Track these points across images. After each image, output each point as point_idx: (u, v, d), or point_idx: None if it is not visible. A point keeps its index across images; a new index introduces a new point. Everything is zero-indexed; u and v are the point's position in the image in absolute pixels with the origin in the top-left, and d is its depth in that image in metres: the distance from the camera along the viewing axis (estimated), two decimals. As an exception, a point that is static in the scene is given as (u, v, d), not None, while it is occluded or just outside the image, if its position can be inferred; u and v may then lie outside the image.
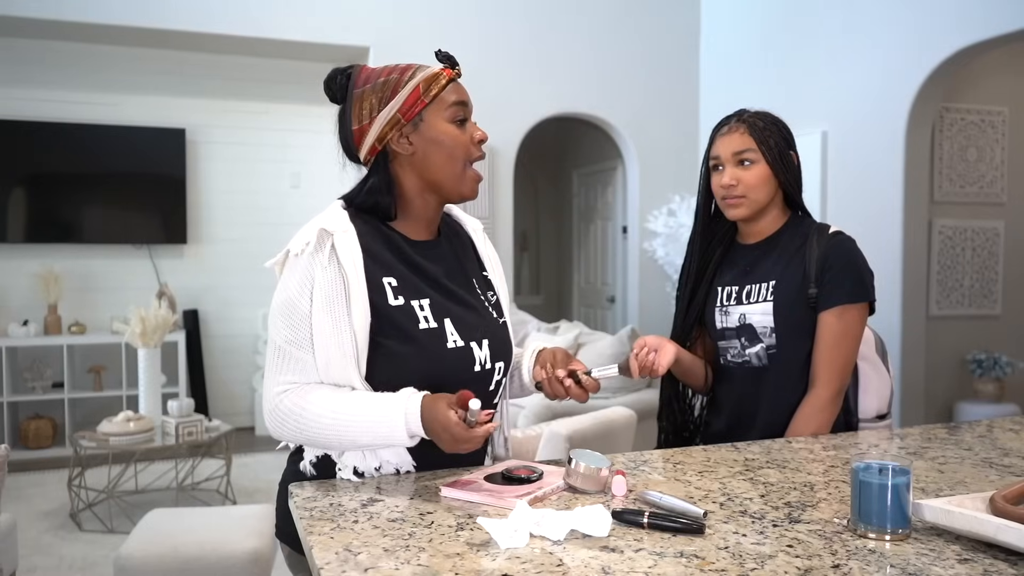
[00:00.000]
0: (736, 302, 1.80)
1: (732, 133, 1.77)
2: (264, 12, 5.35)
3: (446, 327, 1.36)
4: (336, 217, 1.36)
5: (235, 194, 6.07)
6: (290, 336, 1.32)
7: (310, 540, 1.07)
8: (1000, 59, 5.11)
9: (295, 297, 1.32)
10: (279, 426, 1.33)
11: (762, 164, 1.74)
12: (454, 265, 1.46)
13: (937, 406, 4.99)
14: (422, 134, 1.37)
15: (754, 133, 1.75)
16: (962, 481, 1.34)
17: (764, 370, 1.77)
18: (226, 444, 4.35)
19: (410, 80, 1.36)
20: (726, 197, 1.77)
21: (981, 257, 5.13)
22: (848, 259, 1.73)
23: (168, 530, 2.86)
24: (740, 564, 0.98)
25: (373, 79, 1.38)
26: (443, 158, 1.37)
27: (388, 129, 1.36)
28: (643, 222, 6.19)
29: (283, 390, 1.32)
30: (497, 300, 1.51)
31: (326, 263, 1.31)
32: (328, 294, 1.30)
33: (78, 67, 5.67)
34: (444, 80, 1.37)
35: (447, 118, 1.37)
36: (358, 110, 1.37)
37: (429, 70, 1.38)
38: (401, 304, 1.34)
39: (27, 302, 5.57)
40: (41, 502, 4.39)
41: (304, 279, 1.32)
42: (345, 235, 1.33)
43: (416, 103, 1.35)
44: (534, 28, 5.90)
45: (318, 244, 1.32)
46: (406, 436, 1.27)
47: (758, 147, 1.74)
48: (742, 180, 1.74)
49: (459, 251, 1.50)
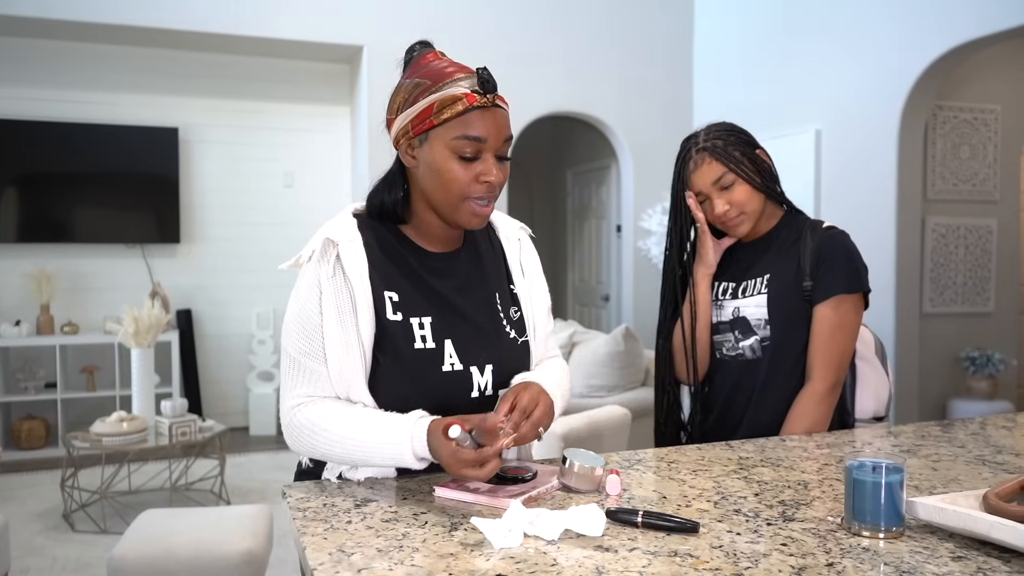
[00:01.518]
0: (731, 296, 1.82)
1: (701, 166, 1.78)
2: (257, 11, 5.34)
3: (445, 348, 1.32)
4: (343, 226, 1.33)
5: (228, 193, 6.05)
6: (304, 347, 1.30)
7: (303, 541, 1.06)
8: (993, 57, 5.12)
9: (307, 308, 1.30)
10: (295, 440, 1.31)
11: (740, 181, 1.76)
12: (472, 280, 1.38)
13: (930, 403, 5.01)
14: (424, 154, 1.29)
15: (719, 157, 1.76)
16: (956, 479, 1.34)
17: (757, 362, 1.78)
18: (220, 444, 4.33)
19: (433, 92, 1.25)
20: (726, 223, 1.80)
21: (974, 255, 5.15)
22: (842, 251, 1.74)
23: (162, 531, 2.85)
24: (734, 563, 0.98)
25: (416, 74, 1.30)
26: (437, 186, 1.29)
27: (401, 135, 1.31)
28: (637, 220, 6.20)
29: (298, 403, 1.30)
30: (520, 317, 1.42)
31: (331, 273, 1.29)
32: (337, 305, 1.28)
33: (70, 66, 5.65)
34: (461, 107, 1.24)
35: (450, 149, 1.26)
36: (393, 99, 1.32)
37: (452, 90, 1.25)
38: (399, 320, 1.31)
39: (19, 302, 5.55)
40: (34, 503, 4.37)
41: (312, 289, 1.30)
42: (351, 245, 1.31)
43: (426, 120, 1.26)
44: (528, 27, 5.90)
45: (322, 254, 1.30)
46: (414, 460, 1.23)
47: (729, 169, 1.75)
48: (733, 202, 1.76)
49: (486, 263, 1.42)
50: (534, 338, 1.44)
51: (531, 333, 1.43)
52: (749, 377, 1.79)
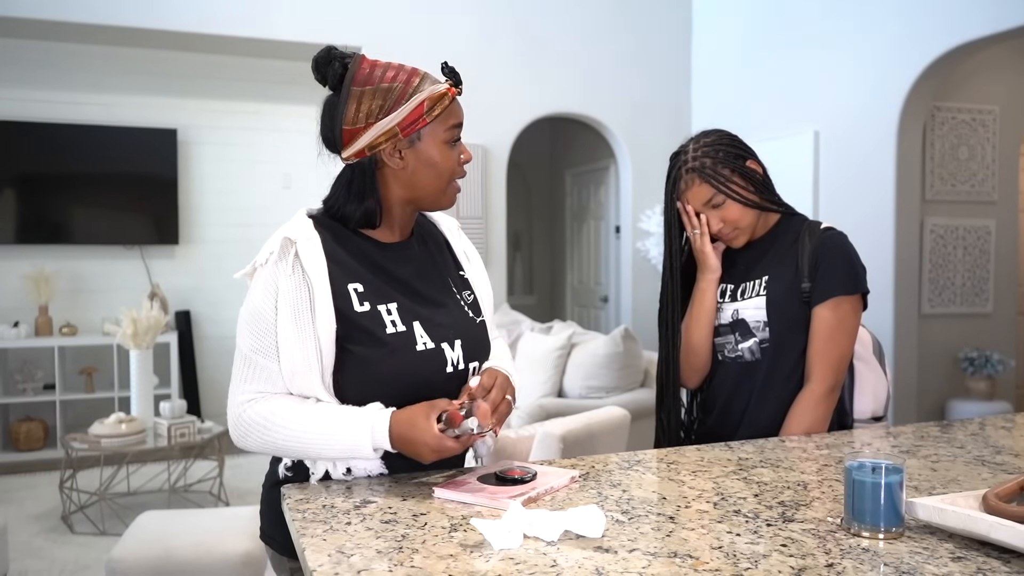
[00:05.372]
0: (731, 299, 1.82)
1: (691, 187, 1.78)
2: (256, 12, 5.34)
3: (415, 330, 1.35)
4: (300, 225, 1.35)
5: (227, 194, 6.04)
6: (255, 344, 1.32)
7: (303, 542, 1.06)
8: (991, 58, 5.13)
9: (260, 306, 1.31)
10: (243, 436, 1.33)
11: (729, 201, 1.76)
12: (426, 266, 1.44)
13: (929, 404, 5.01)
14: (417, 152, 1.35)
15: (707, 179, 1.75)
16: (955, 479, 1.34)
17: (756, 364, 1.78)
18: (219, 445, 4.33)
19: (415, 94, 1.32)
20: (724, 239, 1.81)
21: (973, 255, 5.15)
22: (840, 252, 1.74)
23: (160, 532, 2.85)
24: (734, 564, 0.98)
25: (375, 80, 1.32)
26: (431, 177, 1.36)
27: (383, 140, 1.33)
28: (636, 222, 6.20)
29: (248, 399, 1.32)
30: (474, 299, 1.50)
31: (290, 271, 1.30)
32: (293, 302, 1.29)
33: (68, 67, 5.64)
34: (448, 101, 1.34)
35: (443, 139, 1.35)
36: (354, 110, 1.32)
37: (436, 88, 1.34)
38: (367, 310, 1.33)
39: (18, 303, 5.54)
40: (32, 505, 4.36)
41: (268, 288, 1.31)
42: (309, 243, 1.32)
43: (418, 121, 1.32)
44: (527, 28, 5.90)
45: (281, 252, 1.31)
46: (370, 450, 1.27)
47: (718, 190, 1.75)
48: (726, 220, 1.77)
49: (433, 251, 1.48)
50: (488, 319, 1.52)
51: (485, 314, 1.51)
52: (748, 379, 1.79)
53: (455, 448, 1.24)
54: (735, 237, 1.79)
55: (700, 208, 1.78)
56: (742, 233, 1.79)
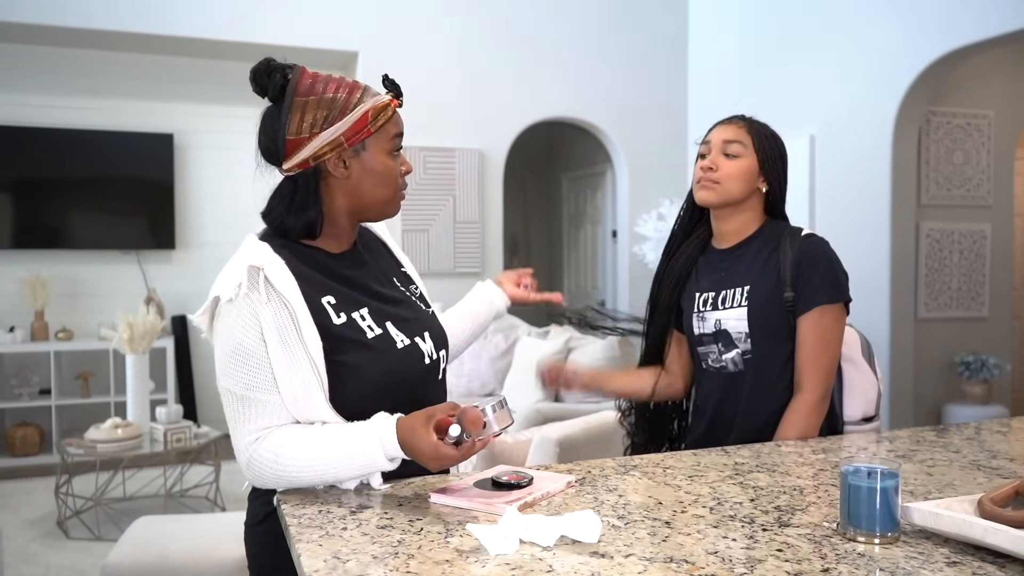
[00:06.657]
0: (712, 307, 1.81)
1: (729, 125, 1.80)
2: (253, 17, 5.34)
3: (390, 330, 1.39)
4: (259, 251, 1.33)
5: (223, 199, 6.03)
6: (250, 382, 1.28)
7: (299, 547, 1.06)
8: (986, 63, 5.15)
9: (245, 342, 1.27)
10: (259, 477, 1.29)
11: (748, 160, 1.76)
12: (376, 268, 1.48)
13: (925, 408, 5.02)
14: (361, 161, 1.36)
15: (751, 130, 1.78)
16: (951, 484, 1.35)
17: (740, 375, 1.77)
18: (215, 450, 4.33)
19: (359, 105, 1.34)
20: (701, 179, 1.79)
21: (968, 260, 5.16)
22: (822, 261, 1.73)
23: (156, 537, 2.84)
24: (730, 569, 0.98)
25: (318, 91, 1.32)
26: (376, 185, 1.38)
27: (328, 150, 1.33)
28: (632, 226, 6.20)
29: (255, 439, 1.28)
30: (420, 292, 1.55)
31: (266, 300, 1.27)
32: (278, 330, 1.27)
33: (65, 72, 5.64)
34: (391, 112, 1.37)
35: (387, 149, 1.38)
36: (298, 120, 1.32)
37: (379, 98, 1.36)
38: (345, 320, 1.34)
39: (14, 308, 5.53)
40: (28, 510, 4.35)
41: (248, 322, 1.27)
42: (274, 266, 1.30)
43: (362, 131, 1.34)
44: (523, 33, 5.91)
45: (251, 283, 1.28)
46: (385, 461, 1.25)
47: (751, 142, 1.76)
48: (722, 167, 1.77)
49: (375, 254, 1.52)
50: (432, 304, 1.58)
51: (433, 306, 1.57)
52: (734, 388, 1.79)
53: (455, 456, 1.21)
54: (710, 188, 1.77)
55: (716, 143, 1.78)
56: (717, 192, 1.77)
